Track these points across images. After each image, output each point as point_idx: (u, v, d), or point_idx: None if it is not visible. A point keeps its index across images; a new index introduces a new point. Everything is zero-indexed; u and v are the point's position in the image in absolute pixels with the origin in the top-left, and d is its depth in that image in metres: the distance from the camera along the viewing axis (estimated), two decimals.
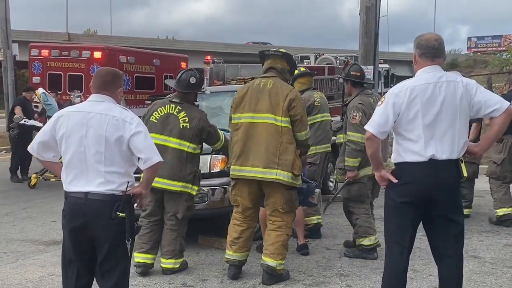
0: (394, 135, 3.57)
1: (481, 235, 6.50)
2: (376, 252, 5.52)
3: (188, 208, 5.18)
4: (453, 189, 3.51)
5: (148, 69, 13.97)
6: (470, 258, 5.51)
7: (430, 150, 3.42)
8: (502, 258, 5.56)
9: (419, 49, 3.57)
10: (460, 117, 3.46)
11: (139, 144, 3.42)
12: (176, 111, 5.14)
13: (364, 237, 5.53)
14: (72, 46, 14.17)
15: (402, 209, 3.52)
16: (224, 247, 5.88)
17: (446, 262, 3.58)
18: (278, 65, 4.94)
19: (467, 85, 3.49)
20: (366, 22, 11.78)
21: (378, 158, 3.58)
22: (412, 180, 3.46)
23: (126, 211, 3.38)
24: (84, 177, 3.39)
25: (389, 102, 3.48)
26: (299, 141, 4.79)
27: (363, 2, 11.80)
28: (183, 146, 5.07)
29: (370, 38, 11.81)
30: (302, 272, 5.18)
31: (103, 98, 3.50)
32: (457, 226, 3.55)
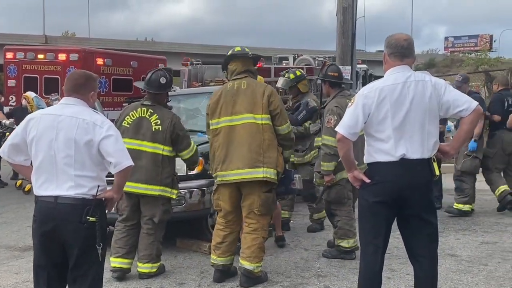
0: (365, 136, 3.57)
1: (458, 233, 6.55)
2: (354, 253, 5.52)
3: (165, 212, 5.11)
4: (425, 188, 3.52)
5: (126, 71, 13.85)
6: (447, 257, 5.55)
7: (400, 150, 3.43)
8: (478, 256, 5.60)
9: (388, 49, 3.58)
10: (430, 117, 3.47)
11: (109, 148, 3.37)
12: (148, 114, 5.05)
13: (343, 239, 5.52)
14: (48, 48, 13.96)
15: (375, 209, 3.53)
16: (202, 250, 5.88)
17: (420, 262, 3.59)
18: (250, 66, 4.95)
19: (436, 85, 3.50)
20: (343, 23, 11.79)
21: (350, 159, 3.58)
22: (384, 179, 3.47)
23: (96, 215, 3.33)
24: (54, 181, 3.34)
25: (359, 103, 3.48)
26: (282, 135, 4.77)
27: (340, 3, 11.82)
28: (158, 149, 4.98)
29: (347, 38, 11.82)
30: (280, 273, 5.16)
31: (74, 101, 3.46)
32: (430, 226, 3.57)
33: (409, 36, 3.63)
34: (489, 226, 6.88)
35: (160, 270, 5.14)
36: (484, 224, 6.97)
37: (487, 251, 5.77)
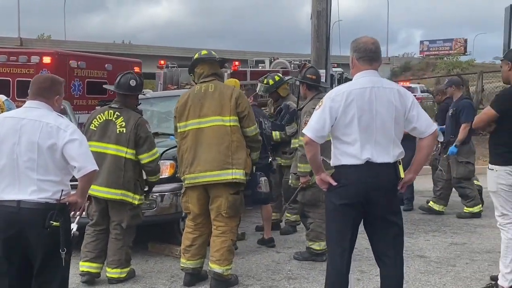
0: (332, 139, 3.59)
1: (428, 234, 6.63)
2: (325, 255, 5.52)
3: (133, 217, 5.04)
4: (390, 190, 3.54)
5: (100, 74, 13.66)
6: (416, 258, 5.61)
7: (366, 153, 3.45)
8: (447, 257, 5.67)
9: (356, 53, 3.60)
10: (395, 124, 3.50)
11: (73, 152, 3.34)
12: (114, 117, 5.01)
13: (314, 242, 5.54)
14: (20, 51, 13.74)
15: (342, 211, 3.55)
16: (174, 254, 5.84)
17: (386, 263, 3.62)
18: (217, 70, 4.96)
19: (404, 96, 3.54)
20: (317, 27, 11.84)
21: (318, 162, 3.60)
22: (349, 182, 3.49)
23: (60, 220, 3.29)
24: (17, 185, 3.29)
25: (326, 106, 3.49)
26: (249, 137, 4.79)
27: (314, 7, 11.88)
28: (121, 152, 4.92)
29: (322, 42, 11.87)
30: (251, 276, 5.15)
31: (38, 105, 3.42)
32: (395, 227, 3.60)
33: (376, 39, 3.66)
34: (458, 227, 6.97)
35: (130, 275, 5.09)
36: (454, 226, 7.06)
37: (456, 252, 5.84)
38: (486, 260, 5.47)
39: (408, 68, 53.99)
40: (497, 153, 4.40)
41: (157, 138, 6.65)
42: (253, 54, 36.42)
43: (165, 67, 14.26)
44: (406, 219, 7.29)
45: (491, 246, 5.96)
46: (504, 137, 4.36)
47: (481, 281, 4.86)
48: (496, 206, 4.49)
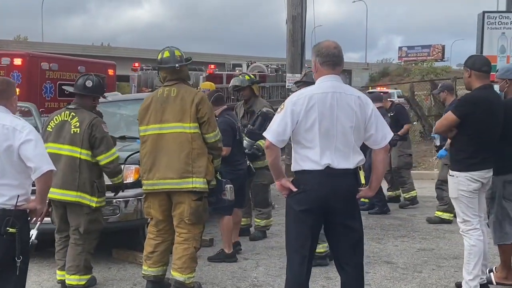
0: (292, 144, 3.52)
1: (396, 240, 6.60)
2: (328, 259, 5.48)
3: (91, 222, 4.86)
4: (350, 197, 3.49)
5: (73, 76, 13.38)
6: (383, 264, 5.58)
7: (325, 159, 3.39)
8: (414, 263, 5.64)
9: (319, 57, 3.54)
10: (355, 131, 3.45)
11: (28, 153, 3.29)
12: (70, 117, 4.91)
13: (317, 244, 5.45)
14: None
15: (301, 217, 3.48)
16: (138, 261, 5.71)
17: (346, 270, 3.56)
18: (181, 74, 4.78)
19: (365, 104, 3.49)
20: (292, 31, 11.79)
21: (278, 166, 3.53)
22: (309, 188, 3.42)
23: (16, 226, 3.20)
24: None
25: (288, 110, 3.43)
26: (209, 143, 4.66)
27: (290, 11, 11.83)
28: (75, 152, 4.81)
29: (297, 47, 11.83)
30: (215, 284, 5.06)
31: None
32: (355, 234, 3.54)
33: (338, 43, 3.61)
34: (427, 232, 6.96)
35: (90, 283, 4.95)
36: (423, 231, 7.05)
37: (423, 258, 5.81)
38: (453, 266, 5.45)
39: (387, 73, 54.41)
40: (457, 159, 4.39)
41: (124, 141, 6.56)
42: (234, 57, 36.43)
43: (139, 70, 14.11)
44: (376, 224, 7.40)
45: (459, 252, 5.91)
46: (464, 142, 4.34)
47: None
48: (457, 212, 4.47)
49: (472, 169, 4.30)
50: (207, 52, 49.12)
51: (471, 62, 4.44)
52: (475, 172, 4.30)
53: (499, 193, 4.67)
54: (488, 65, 4.44)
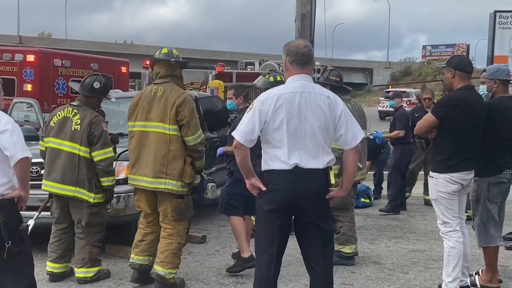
0: (262, 144, 3.54)
1: (390, 241, 6.57)
2: (354, 259, 5.52)
3: (92, 215, 5.02)
4: (319, 196, 3.48)
5: (85, 73, 13.58)
6: (371, 264, 5.57)
7: (293, 159, 3.40)
8: (402, 264, 5.61)
9: (289, 57, 3.55)
10: (324, 131, 3.45)
11: (4, 142, 3.47)
12: (72, 114, 5.06)
13: (345, 245, 5.49)
14: (4, 49, 13.70)
15: (270, 217, 3.49)
16: (129, 256, 5.78)
17: (315, 270, 3.56)
18: (175, 71, 4.83)
19: (334, 103, 3.48)
20: (301, 30, 11.72)
21: (247, 166, 3.55)
22: (277, 187, 3.44)
23: (1, 215, 3.42)
24: None
25: (256, 109, 3.44)
26: (189, 146, 4.68)
27: (298, 10, 11.77)
28: (75, 149, 4.95)
29: None
30: (200, 280, 5.12)
31: None
32: (325, 233, 3.54)
33: (308, 42, 3.64)
34: (423, 234, 6.92)
35: (100, 275, 5.10)
36: (420, 232, 7.01)
37: (413, 259, 5.78)
38: (441, 268, 5.31)
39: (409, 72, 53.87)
40: (437, 160, 4.36)
41: (121, 138, 6.66)
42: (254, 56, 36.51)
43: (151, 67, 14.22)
44: (373, 225, 7.38)
45: None
46: (443, 144, 4.32)
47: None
48: (437, 214, 4.45)
49: (451, 171, 4.27)
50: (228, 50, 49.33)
51: (456, 62, 4.41)
52: (454, 174, 4.27)
53: (484, 195, 4.62)
54: (471, 66, 4.43)
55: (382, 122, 25.24)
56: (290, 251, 5.02)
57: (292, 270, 5.33)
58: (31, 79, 12.50)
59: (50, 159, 5.05)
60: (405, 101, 26.45)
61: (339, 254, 5.49)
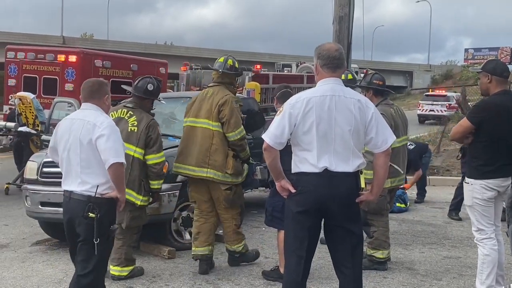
0: (292, 146, 3.56)
1: (425, 246, 6.48)
2: (386, 264, 5.51)
3: (133, 218, 5.11)
4: (348, 200, 3.48)
5: (125, 73, 13.98)
6: (404, 270, 5.51)
7: (323, 162, 3.41)
8: (436, 270, 5.53)
9: (320, 60, 3.56)
10: (354, 134, 3.44)
11: (100, 146, 3.72)
12: (127, 115, 5.15)
13: (377, 250, 5.48)
14: (48, 49, 14.13)
15: (298, 219, 3.51)
16: (161, 254, 5.93)
17: (344, 273, 3.56)
18: (225, 79, 5.45)
19: (365, 107, 3.48)
20: (338, 32, 11.71)
21: (277, 168, 3.57)
22: (306, 190, 3.45)
23: (96, 212, 3.67)
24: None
25: (286, 113, 3.47)
26: (230, 141, 5.24)
27: (336, 12, 11.75)
28: (130, 150, 4.97)
29: (343, 47, 11.77)
30: (231, 280, 5.17)
31: (89, 106, 3.89)
32: (354, 237, 3.54)
33: (340, 46, 3.64)
34: (459, 240, 6.79)
35: (134, 273, 5.20)
36: (455, 239, 6.88)
37: (447, 266, 5.69)
38: (475, 275, 5.20)
39: (450, 76, 52.88)
40: (473, 166, 4.29)
41: None
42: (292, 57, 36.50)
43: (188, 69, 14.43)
44: (408, 230, 7.30)
45: None
46: (479, 149, 4.24)
47: None
48: (472, 221, 4.38)
49: (487, 177, 4.20)
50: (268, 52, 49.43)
51: (492, 67, 4.34)
52: (490, 180, 4.20)
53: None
54: (508, 71, 4.34)
55: (421, 126, 24.88)
56: (322, 254, 5.05)
57: (323, 273, 5.32)
58: (72, 79, 12.85)
59: None
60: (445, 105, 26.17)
61: (372, 259, 5.46)
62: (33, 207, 6.20)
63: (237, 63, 5.62)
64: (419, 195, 9.42)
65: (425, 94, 29.74)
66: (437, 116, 25.23)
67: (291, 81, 13.46)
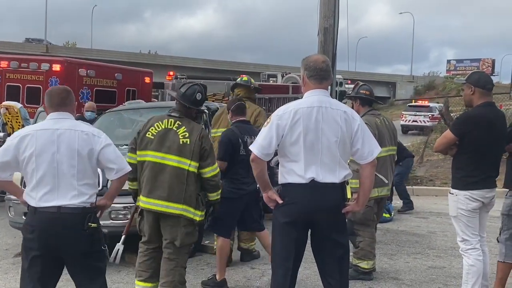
0: (279, 157, 3.58)
1: (409, 256, 6.53)
2: (372, 274, 5.53)
3: (188, 235, 4.58)
4: (335, 210, 3.51)
5: (110, 83, 13.87)
6: (389, 280, 5.54)
7: (310, 173, 3.43)
8: (421, 280, 5.57)
9: (307, 71, 3.59)
10: (341, 145, 3.48)
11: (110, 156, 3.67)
12: (175, 126, 4.62)
13: (362, 260, 5.49)
14: (31, 58, 13.96)
15: (286, 230, 3.52)
16: None
17: (331, 284, 3.58)
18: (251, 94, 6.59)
19: (351, 118, 3.52)
20: (323, 43, 11.76)
21: (264, 179, 3.59)
22: (293, 201, 3.47)
23: (96, 222, 3.62)
24: None
25: (273, 123, 3.49)
26: None
27: (321, 24, 11.83)
28: (184, 164, 4.52)
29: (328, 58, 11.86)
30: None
31: (66, 115, 3.68)
32: (340, 248, 3.56)
33: (326, 58, 3.68)
34: (443, 250, 6.85)
35: None
36: (440, 248, 6.94)
37: (432, 276, 5.74)
38: (459, 285, 5.25)
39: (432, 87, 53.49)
40: (457, 177, 4.34)
41: None
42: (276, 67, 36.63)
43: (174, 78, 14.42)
44: (392, 239, 7.34)
45: None
46: (463, 161, 4.29)
47: None
48: (457, 231, 4.42)
49: (471, 188, 4.25)
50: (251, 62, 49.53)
51: (476, 79, 4.39)
52: (474, 191, 4.25)
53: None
54: (492, 83, 4.40)
55: (404, 136, 25.09)
56: (308, 264, 5.05)
57: (309, 283, 5.33)
58: None
59: (152, 174, 4.54)
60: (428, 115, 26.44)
61: (357, 269, 5.48)
62: (16, 217, 6.13)
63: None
64: (406, 205, 9.45)
65: (408, 105, 30.07)
66: (420, 127, 25.54)
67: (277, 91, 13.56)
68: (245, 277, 5.60)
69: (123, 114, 7.92)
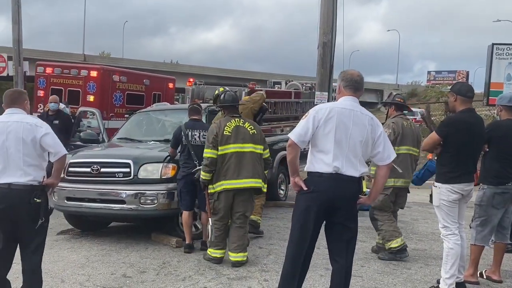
0: (310, 147, 3.55)
1: None
2: (406, 251, 5.47)
3: (252, 207, 5.36)
4: (352, 201, 3.49)
5: (139, 87, 13.90)
6: (378, 260, 5.49)
7: (336, 163, 3.40)
8: (406, 260, 5.50)
9: (343, 82, 3.59)
10: (364, 146, 3.46)
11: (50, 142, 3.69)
12: (241, 123, 5.28)
13: (391, 240, 5.44)
14: (72, 65, 14.01)
15: (306, 213, 3.46)
16: (170, 244, 5.87)
17: (338, 262, 3.52)
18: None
19: (376, 124, 3.52)
20: (322, 55, 11.78)
21: (296, 164, 3.54)
22: (319, 189, 3.43)
23: (41, 198, 3.64)
24: None
25: (311, 116, 3.47)
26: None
27: (321, 39, 11.82)
28: (258, 149, 5.24)
29: (326, 69, 11.81)
30: (229, 267, 5.13)
31: (17, 110, 3.78)
32: (350, 232, 3.53)
33: (360, 73, 3.64)
34: (425, 235, 6.81)
35: (248, 258, 5.26)
36: (421, 234, 6.90)
37: (415, 256, 5.69)
38: (439, 265, 5.24)
39: (415, 94, 53.22)
40: (441, 172, 4.30)
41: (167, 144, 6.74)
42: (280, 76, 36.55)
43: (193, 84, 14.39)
44: None
45: None
46: (446, 159, 4.26)
47: (428, 283, 4.74)
48: (439, 219, 4.39)
49: (452, 182, 4.22)
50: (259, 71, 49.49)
51: (458, 88, 4.37)
52: (455, 185, 4.22)
53: (488, 202, 4.57)
54: (472, 92, 4.37)
55: None
56: None
57: None
58: (93, 91, 12.76)
59: (236, 161, 5.10)
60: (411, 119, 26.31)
61: (390, 251, 5.43)
62: (59, 201, 6.14)
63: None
64: None
65: None
66: None
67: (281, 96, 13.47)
68: (254, 255, 5.57)
69: (151, 114, 7.91)
